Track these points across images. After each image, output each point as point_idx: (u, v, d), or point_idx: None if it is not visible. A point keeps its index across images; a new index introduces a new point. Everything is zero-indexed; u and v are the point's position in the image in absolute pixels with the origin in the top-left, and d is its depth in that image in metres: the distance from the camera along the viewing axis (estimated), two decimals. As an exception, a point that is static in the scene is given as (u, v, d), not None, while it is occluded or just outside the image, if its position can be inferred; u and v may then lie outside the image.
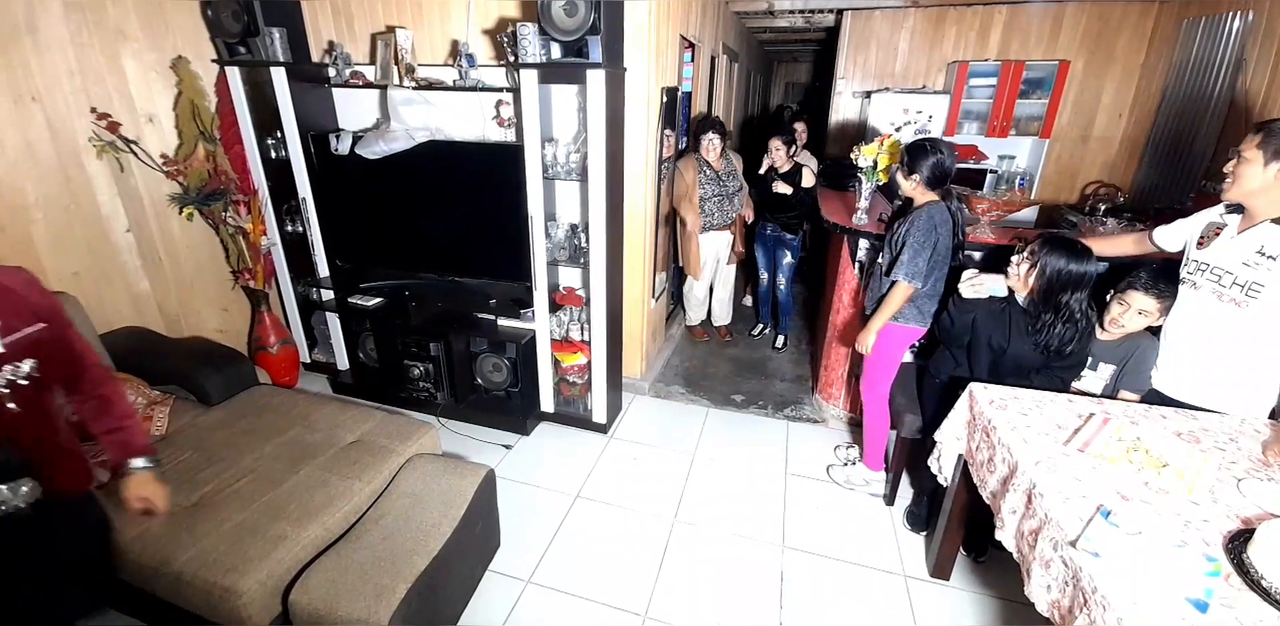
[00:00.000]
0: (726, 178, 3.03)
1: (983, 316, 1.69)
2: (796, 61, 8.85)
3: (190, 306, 2.58)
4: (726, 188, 3.03)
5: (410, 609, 1.29)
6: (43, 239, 2.06)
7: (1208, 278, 1.47)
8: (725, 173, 3.02)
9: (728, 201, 3.05)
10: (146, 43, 2.31)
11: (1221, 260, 1.45)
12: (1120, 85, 3.93)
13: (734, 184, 3.08)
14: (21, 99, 1.97)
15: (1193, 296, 1.51)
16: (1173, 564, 1.00)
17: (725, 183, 3.02)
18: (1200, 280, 1.49)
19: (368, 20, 2.47)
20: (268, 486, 1.55)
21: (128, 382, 1.86)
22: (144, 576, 1.36)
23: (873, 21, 4.29)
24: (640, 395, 2.90)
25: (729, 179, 3.05)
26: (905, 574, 1.86)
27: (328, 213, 2.55)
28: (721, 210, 3.04)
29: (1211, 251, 1.48)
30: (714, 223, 3.04)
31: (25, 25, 1.95)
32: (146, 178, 2.34)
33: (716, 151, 2.92)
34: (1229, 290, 1.42)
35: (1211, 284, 1.46)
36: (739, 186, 3.12)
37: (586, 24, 1.85)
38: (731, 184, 3.06)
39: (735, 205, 3.11)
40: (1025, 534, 1.24)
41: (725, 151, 3.02)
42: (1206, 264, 1.48)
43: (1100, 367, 1.70)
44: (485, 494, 1.66)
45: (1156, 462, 1.26)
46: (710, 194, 2.99)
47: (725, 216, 3.07)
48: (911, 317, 1.93)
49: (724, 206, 3.04)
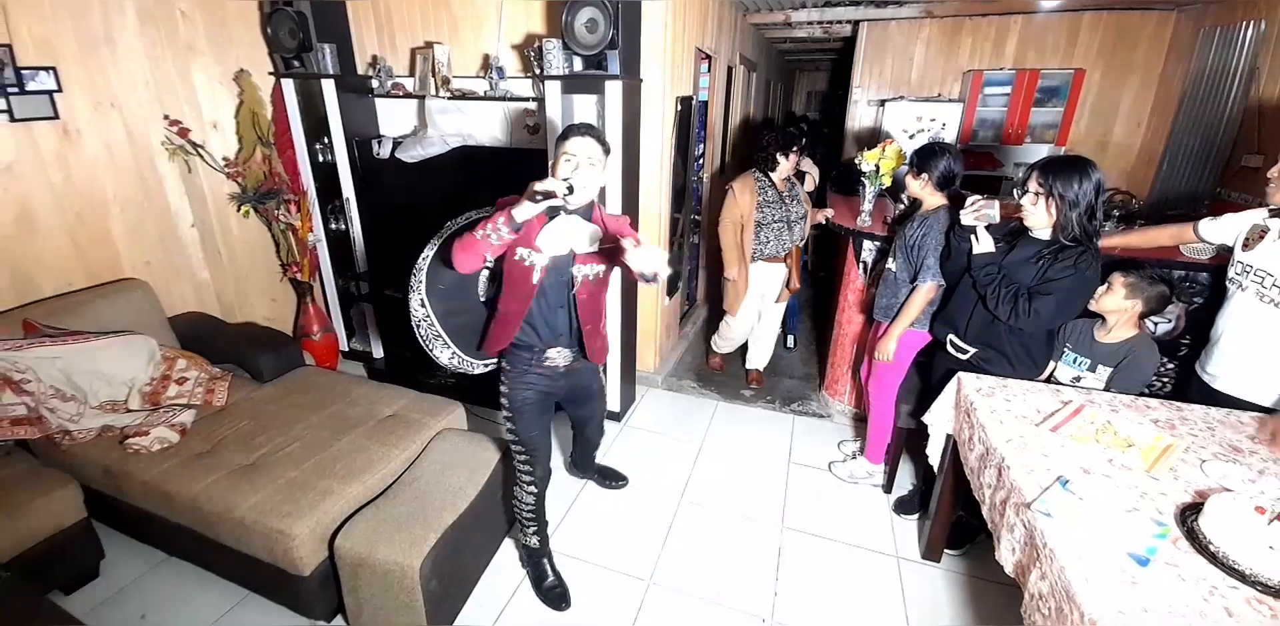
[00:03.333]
0: (790, 201, 2.62)
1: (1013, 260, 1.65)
2: (818, 70, 8.95)
3: (244, 295, 2.83)
4: (790, 213, 2.61)
5: (438, 557, 1.46)
6: (119, 231, 2.31)
7: (1252, 279, 1.52)
8: (789, 195, 2.63)
9: (788, 229, 2.63)
10: (213, 56, 2.57)
11: (1265, 263, 1.49)
12: (1139, 93, 3.96)
13: (798, 209, 2.65)
14: (101, 105, 2.21)
15: (1240, 297, 1.56)
16: (1121, 526, 1.10)
17: (789, 207, 2.61)
18: (1245, 282, 1.54)
19: (409, 36, 2.69)
20: (315, 450, 1.74)
21: (192, 360, 2.09)
22: (209, 523, 1.56)
23: (889, 31, 4.40)
24: (653, 388, 3.04)
25: (793, 203, 2.63)
26: (898, 555, 1.95)
27: (369, 212, 2.78)
28: (779, 239, 2.62)
29: (1256, 254, 1.52)
30: (767, 252, 2.62)
31: (104, 37, 2.19)
32: (210, 178, 2.60)
33: (792, 170, 2.57)
34: (1270, 291, 1.48)
35: (1255, 286, 1.51)
36: (804, 212, 2.69)
37: (606, 39, 2.02)
38: (796, 209, 2.64)
39: (796, 234, 2.67)
40: (996, 504, 1.34)
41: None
42: (1250, 265, 1.53)
43: (1099, 369, 1.74)
44: (506, 465, 1.82)
45: (1123, 443, 1.36)
46: (771, 219, 2.58)
47: (782, 245, 2.64)
48: (922, 321, 1.97)
49: (783, 235, 2.62)
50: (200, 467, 1.67)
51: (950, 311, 1.83)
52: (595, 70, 2.12)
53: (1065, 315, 1.63)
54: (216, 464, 1.69)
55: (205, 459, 1.72)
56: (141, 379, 1.95)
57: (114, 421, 1.83)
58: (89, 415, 1.84)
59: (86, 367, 1.88)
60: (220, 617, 1.67)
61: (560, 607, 1.70)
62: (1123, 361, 1.70)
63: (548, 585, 1.73)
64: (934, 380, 1.90)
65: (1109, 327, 1.74)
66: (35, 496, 1.59)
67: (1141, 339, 1.72)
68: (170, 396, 1.95)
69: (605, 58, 2.08)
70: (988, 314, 1.68)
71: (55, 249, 2.13)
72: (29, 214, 2.05)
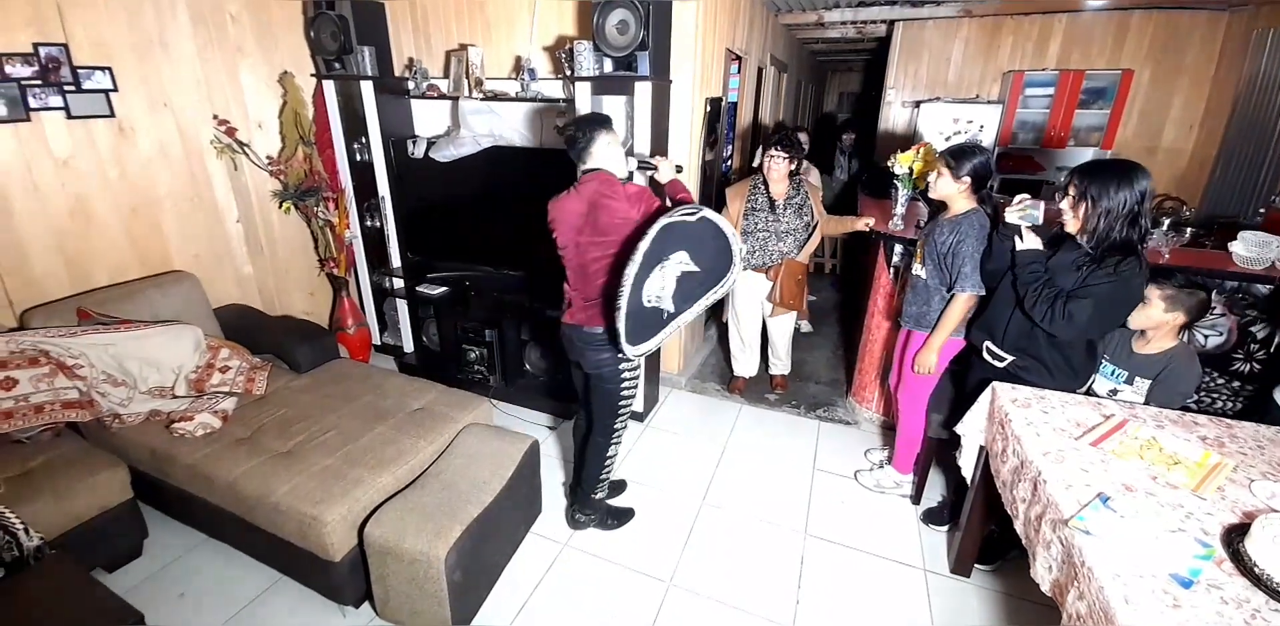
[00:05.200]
0: (784, 209, 2.47)
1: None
2: (851, 71, 8.82)
3: (283, 289, 2.93)
4: (778, 223, 2.48)
5: (462, 549, 1.48)
6: (170, 225, 2.42)
7: None
8: (786, 202, 2.48)
9: (776, 240, 2.49)
10: (259, 58, 2.66)
11: None
12: (1190, 96, 3.80)
13: (793, 220, 2.48)
14: (155, 105, 2.32)
15: None
16: (1165, 546, 1.06)
17: (780, 217, 2.47)
18: None
19: (444, 39, 2.75)
20: (348, 440, 1.79)
21: (235, 349, 2.17)
22: (247, 506, 1.62)
23: (925, 31, 4.31)
24: (676, 389, 3.03)
25: (786, 212, 2.47)
26: (925, 568, 1.91)
27: (402, 209, 2.85)
28: (765, 249, 2.50)
29: None
30: (753, 262, 2.53)
31: (158, 39, 2.28)
32: (254, 175, 2.70)
33: (781, 173, 2.43)
34: None
35: None
36: (804, 223, 2.50)
37: (637, 41, 2.03)
38: (789, 219, 2.48)
39: (786, 246, 2.50)
40: (1031, 520, 1.31)
41: (797, 175, 2.53)
42: None
43: (1137, 382, 1.68)
44: (530, 460, 1.85)
45: (1168, 460, 1.30)
46: (756, 227, 2.48)
47: (769, 256, 2.51)
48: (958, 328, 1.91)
49: (769, 245, 2.50)
50: (240, 453, 1.74)
51: (988, 317, 1.78)
52: (625, 71, 2.13)
53: (1105, 323, 1.56)
54: (255, 450, 1.75)
55: (245, 445, 1.78)
56: (188, 366, 2.04)
57: (161, 406, 1.92)
58: (138, 400, 1.92)
59: (137, 354, 1.97)
60: (255, 599, 1.73)
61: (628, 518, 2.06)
62: (1161, 373, 1.64)
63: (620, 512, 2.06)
64: (969, 388, 1.85)
65: (1148, 338, 1.68)
66: (85, 476, 1.67)
67: (1181, 350, 1.65)
68: (214, 384, 2.03)
69: (635, 59, 2.09)
70: (1027, 320, 1.62)
71: (110, 241, 2.24)
72: (86, 208, 2.15)
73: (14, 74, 1.91)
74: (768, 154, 2.43)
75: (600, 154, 1.66)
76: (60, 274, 2.11)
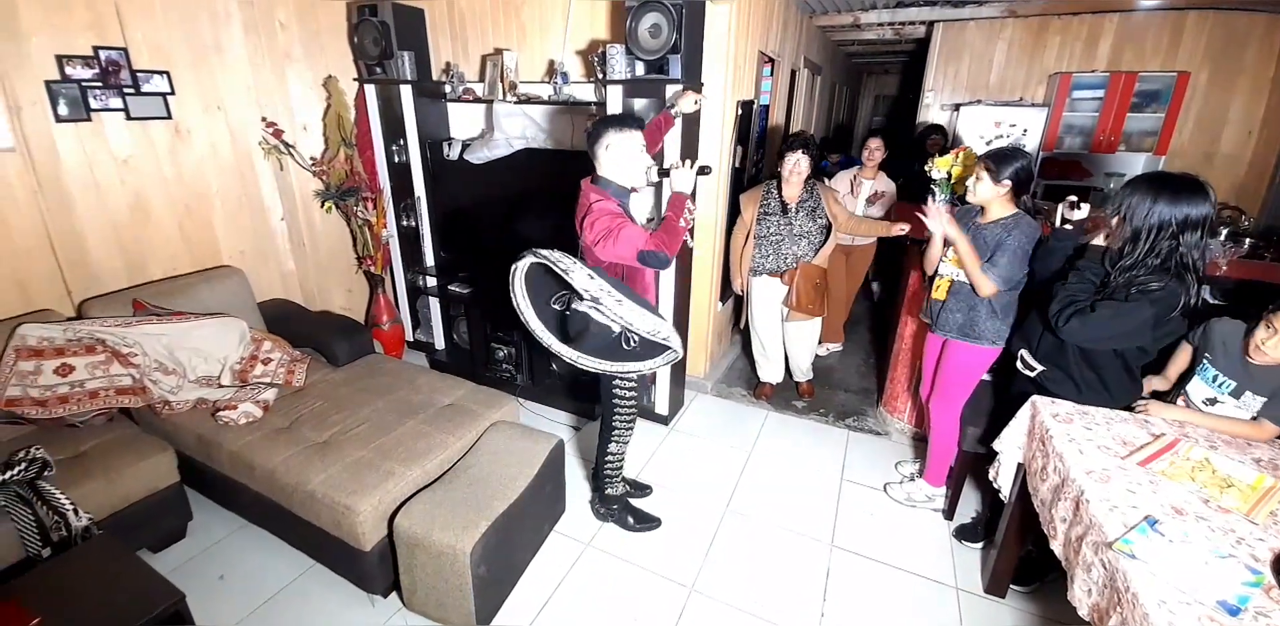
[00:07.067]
0: (796, 212, 2.48)
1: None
2: (887, 73, 8.65)
3: (323, 285, 3.03)
4: (790, 227, 2.48)
5: (488, 544, 1.51)
6: (220, 221, 2.53)
7: None
8: (798, 205, 2.48)
9: (790, 243, 2.49)
10: (306, 63, 2.76)
11: None
12: (1249, 100, 3.62)
13: (806, 223, 2.48)
14: (209, 107, 2.42)
15: None
16: (1213, 572, 1.01)
17: (793, 220, 2.48)
18: None
19: (480, 43, 2.81)
20: (381, 433, 1.84)
21: (277, 342, 2.25)
22: (285, 493, 1.68)
23: (966, 32, 4.21)
24: (702, 393, 3.02)
25: (799, 215, 2.48)
26: (958, 587, 1.85)
27: (437, 210, 2.91)
28: (778, 254, 2.50)
29: None
30: (767, 266, 2.54)
31: (213, 45, 2.39)
32: (298, 176, 2.80)
33: (801, 177, 2.44)
34: None
35: None
36: (818, 226, 2.50)
37: (669, 45, 2.04)
38: (801, 222, 2.48)
39: (800, 249, 2.50)
40: (1072, 540, 1.26)
41: (811, 178, 2.51)
42: None
43: (1245, 396, 1.45)
44: (555, 459, 1.87)
45: (1221, 483, 1.24)
46: (767, 232, 2.49)
47: (782, 260, 2.51)
48: (994, 338, 1.86)
49: (782, 249, 2.50)
50: (280, 442, 1.80)
51: (1028, 325, 1.73)
52: (657, 74, 2.14)
53: (1111, 340, 1.46)
54: (294, 439, 1.81)
55: (284, 434, 1.85)
56: (233, 357, 2.12)
57: (207, 395, 2.00)
58: (187, 388, 2.01)
59: (187, 345, 2.06)
60: (289, 584, 1.79)
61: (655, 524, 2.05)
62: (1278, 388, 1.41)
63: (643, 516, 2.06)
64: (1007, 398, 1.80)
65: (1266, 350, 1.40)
66: (136, 460, 1.76)
67: None
68: (256, 375, 2.11)
69: (667, 62, 2.09)
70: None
71: (165, 236, 2.35)
72: (143, 204, 2.27)
73: (74, 75, 2.01)
74: (788, 158, 2.43)
75: (603, 158, 1.66)
76: (117, 267, 2.23)
